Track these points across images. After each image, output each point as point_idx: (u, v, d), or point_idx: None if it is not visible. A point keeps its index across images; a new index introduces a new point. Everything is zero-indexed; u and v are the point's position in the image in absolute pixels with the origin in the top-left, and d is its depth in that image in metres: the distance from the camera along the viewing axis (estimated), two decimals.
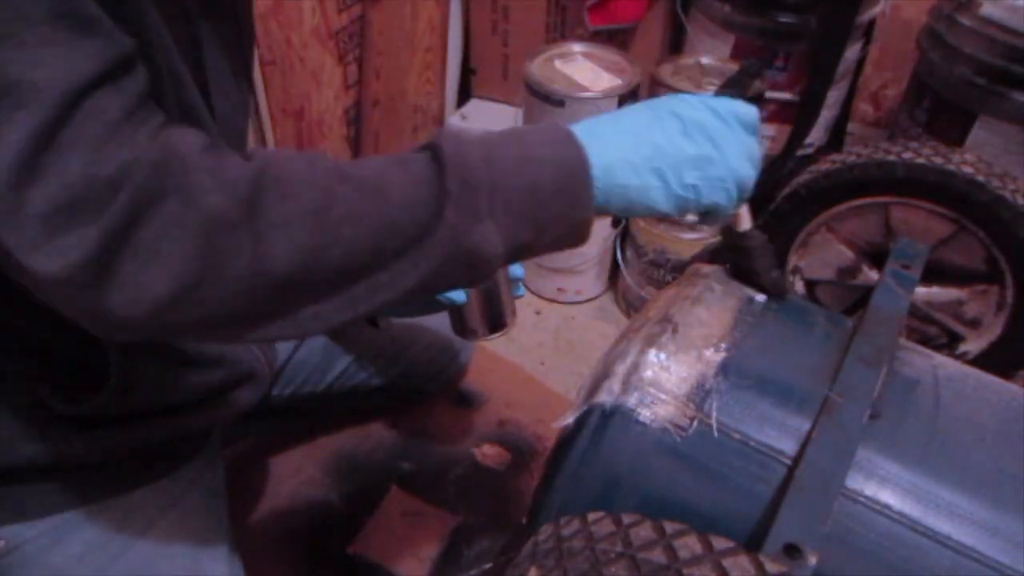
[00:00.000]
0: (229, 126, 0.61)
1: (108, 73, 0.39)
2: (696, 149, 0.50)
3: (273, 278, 0.41)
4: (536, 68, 1.22)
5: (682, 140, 0.50)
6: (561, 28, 1.48)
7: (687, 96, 0.53)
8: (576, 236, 0.50)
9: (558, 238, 0.49)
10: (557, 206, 0.47)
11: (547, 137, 0.48)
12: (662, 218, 1.28)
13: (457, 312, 0.73)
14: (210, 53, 0.57)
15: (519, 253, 0.48)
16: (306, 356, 0.96)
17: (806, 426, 0.54)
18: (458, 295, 0.70)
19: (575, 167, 0.47)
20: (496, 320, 0.73)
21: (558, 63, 1.25)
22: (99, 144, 0.37)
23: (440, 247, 0.44)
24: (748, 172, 0.54)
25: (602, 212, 0.50)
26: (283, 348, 0.92)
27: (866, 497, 0.51)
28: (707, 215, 0.55)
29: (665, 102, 0.52)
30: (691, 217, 0.56)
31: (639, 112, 0.52)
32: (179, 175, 0.39)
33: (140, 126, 0.39)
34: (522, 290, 0.74)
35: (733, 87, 1.08)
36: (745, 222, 0.65)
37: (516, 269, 0.71)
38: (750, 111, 0.54)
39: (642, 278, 1.36)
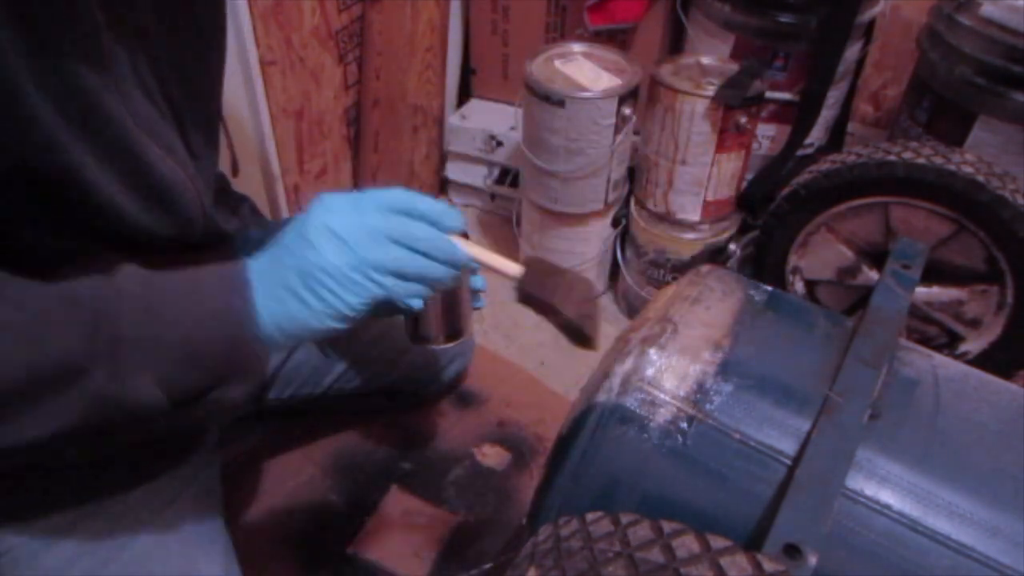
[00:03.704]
0: (193, 127, 0.61)
1: None
2: (320, 259, 0.50)
3: None
4: (536, 68, 1.22)
5: (309, 255, 0.50)
6: (561, 28, 1.48)
7: (328, 199, 0.53)
8: (252, 373, 0.51)
9: (234, 376, 0.51)
10: (219, 352, 0.49)
11: (216, 285, 0.50)
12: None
13: (412, 318, 0.70)
14: (166, 57, 0.56)
15: (191, 396, 0.49)
16: (304, 359, 0.96)
17: (806, 426, 0.54)
18: (414, 301, 0.68)
19: (238, 317, 0.49)
20: (453, 329, 0.71)
21: (558, 63, 1.25)
22: None
23: (87, 397, 0.46)
24: (387, 257, 0.52)
25: (283, 347, 0.52)
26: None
27: (866, 497, 0.51)
28: (390, 309, 0.56)
29: (306, 215, 0.52)
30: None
31: (290, 236, 0.52)
32: None
33: None
34: (483, 302, 0.71)
35: (733, 87, 1.08)
36: (511, 268, 0.64)
37: (477, 280, 0.69)
38: (392, 196, 0.54)
39: (642, 278, 1.36)
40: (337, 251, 0.50)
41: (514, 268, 0.63)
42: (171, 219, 0.57)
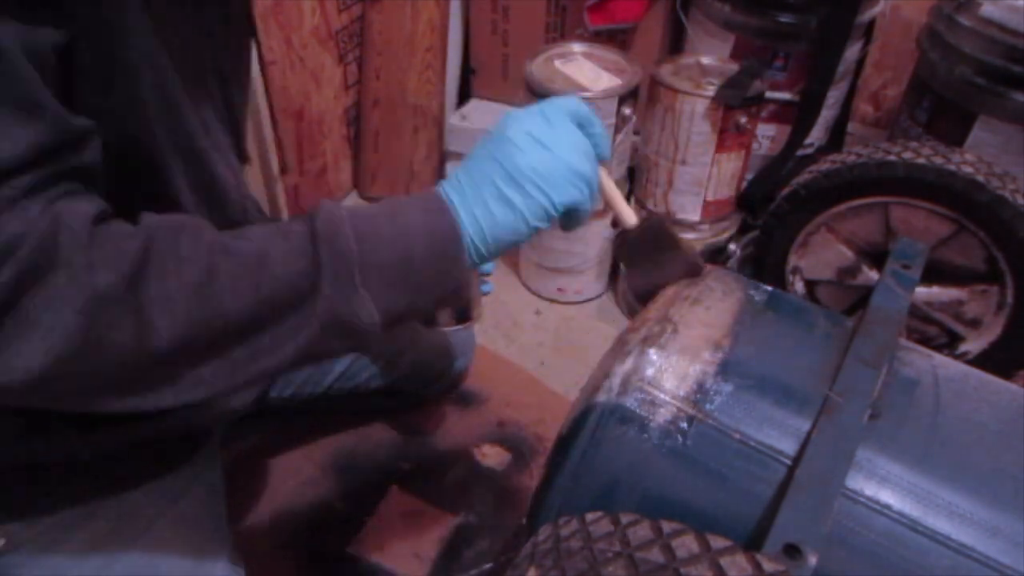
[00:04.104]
0: (243, 131, 0.64)
1: (31, 160, 0.40)
2: (527, 159, 0.52)
3: (154, 351, 0.43)
4: (536, 68, 1.23)
5: (517, 157, 0.52)
6: (561, 28, 1.48)
7: (516, 111, 0.55)
8: (454, 293, 0.52)
9: (436, 297, 0.52)
10: (431, 271, 0.50)
11: (420, 206, 0.51)
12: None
13: None
14: (228, 63, 0.59)
15: (397, 319, 0.51)
16: None
17: (806, 426, 0.54)
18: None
19: (445, 232, 0.50)
20: (462, 312, 0.72)
21: (558, 63, 1.25)
22: None
23: (317, 317, 0.46)
24: (582, 165, 0.54)
25: (477, 263, 0.53)
26: None
27: (866, 497, 0.51)
28: (569, 218, 0.57)
29: (500, 126, 0.54)
30: (556, 227, 0.57)
31: (484, 148, 0.54)
32: (66, 249, 0.40)
33: (37, 199, 0.40)
34: (490, 286, 0.73)
35: (733, 87, 1.08)
36: (630, 217, 0.63)
37: (486, 266, 0.71)
38: (573, 105, 0.56)
39: None
40: (541, 153, 0.52)
41: (631, 219, 0.63)
42: (218, 217, 0.58)
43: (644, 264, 0.66)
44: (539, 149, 0.52)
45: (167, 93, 0.51)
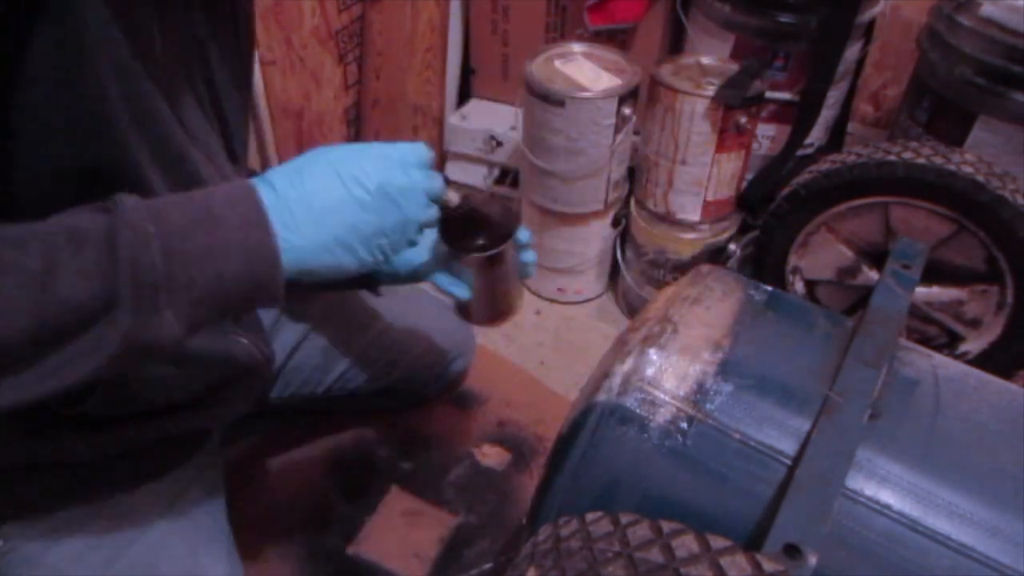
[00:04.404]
0: (236, 133, 0.63)
1: None
2: (381, 218, 0.52)
3: None
4: (536, 68, 1.22)
5: (370, 213, 0.52)
6: (561, 28, 1.48)
7: (368, 151, 0.54)
8: (269, 303, 0.50)
9: (248, 309, 0.52)
10: (244, 292, 0.48)
11: (239, 220, 0.47)
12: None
13: (461, 302, 0.72)
14: (219, 67, 0.58)
15: (205, 327, 0.48)
16: (305, 359, 0.96)
17: (806, 426, 0.54)
18: (461, 290, 0.69)
19: (264, 256, 0.48)
20: (499, 310, 0.71)
21: (558, 63, 1.25)
22: None
23: (112, 342, 0.43)
24: (426, 214, 0.56)
25: (292, 286, 0.51)
26: (281, 350, 0.92)
27: (866, 497, 0.51)
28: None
29: (347, 165, 0.52)
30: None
31: (327, 183, 0.51)
32: None
33: None
34: (533, 272, 0.71)
35: (733, 87, 1.08)
36: (452, 198, 0.61)
37: (528, 255, 0.70)
38: (418, 151, 0.56)
39: (642, 278, 1.36)
40: (396, 214, 0.53)
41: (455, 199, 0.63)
42: None
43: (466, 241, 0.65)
44: (393, 211, 0.53)
45: (141, 102, 0.49)
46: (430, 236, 0.69)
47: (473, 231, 0.66)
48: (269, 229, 0.48)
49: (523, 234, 0.68)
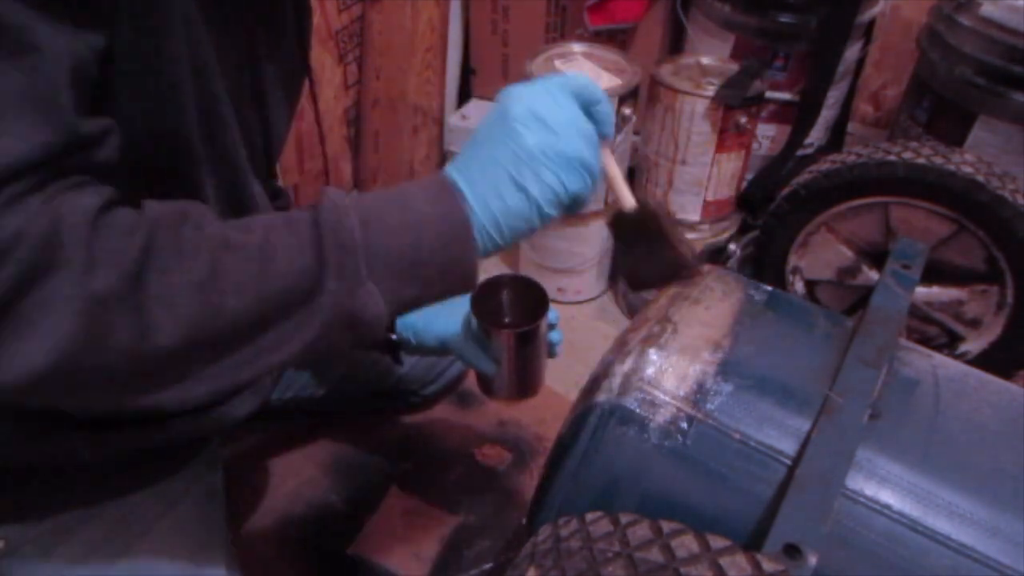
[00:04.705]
0: (277, 147, 0.65)
1: (40, 160, 0.39)
2: (537, 142, 0.50)
3: (157, 351, 0.42)
4: (536, 68, 1.22)
5: (526, 139, 0.50)
6: (561, 28, 1.48)
7: (516, 88, 0.52)
8: (464, 285, 0.51)
9: (446, 289, 0.50)
10: (440, 262, 0.48)
11: (428, 194, 0.49)
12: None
13: (485, 377, 0.72)
14: (267, 69, 0.60)
15: (405, 308, 0.50)
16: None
17: (806, 426, 0.54)
18: (487, 365, 0.70)
19: (456, 221, 0.48)
20: (524, 387, 0.71)
21: (558, 63, 1.25)
22: None
23: (323, 312, 0.45)
24: (587, 149, 0.51)
25: (488, 253, 0.51)
26: None
27: (866, 497, 0.51)
28: (571, 205, 0.54)
29: (502, 105, 0.52)
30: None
31: (491, 128, 0.51)
32: (66, 247, 0.39)
33: (38, 195, 0.40)
34: (558, 352, 0.73)
35: (733, 87, 1.08)
36: (628, 200, 0.58)
37: (555, 335, 0.72)
38: (576, 82, 0.53)
39: None
40: (548, 136, 0.50)
41: (629, 201, 0.59)
42: None
43: (636, 249, 0.62)
44: (546, 132, 0.50)
45: (210, 105, 0.51)
46: (461, 309, 0.68)
47: (507, 308, 0.68)
48: (456, 198, 0.48)
49: (553, 314, 0.69)
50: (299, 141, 1.47)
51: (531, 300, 0.67)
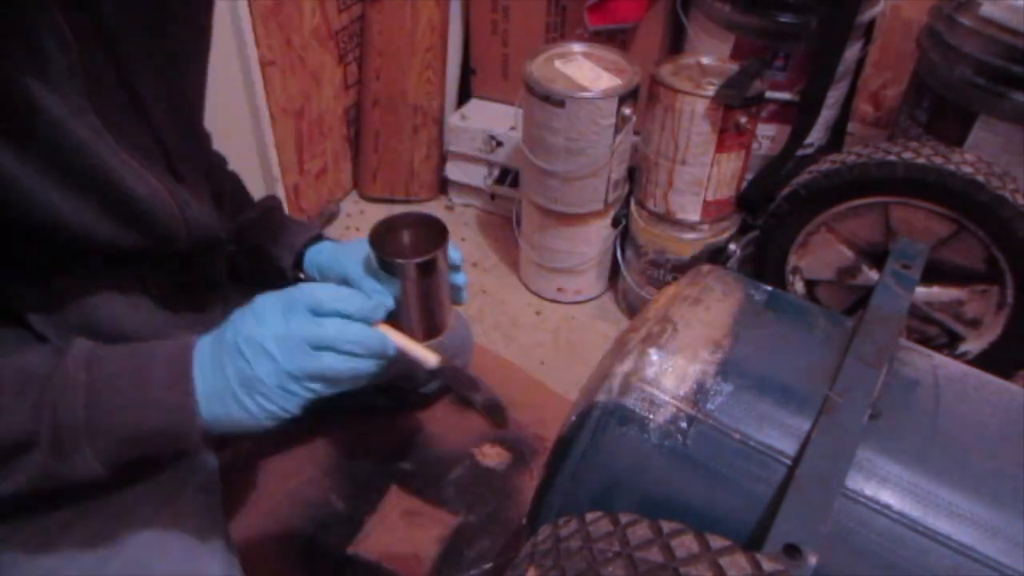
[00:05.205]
0: (177, 154, 0.64)
1: None
2: (258, 371, 0.54)
3: None
4: (536, 68, 1.22)
5: (246, 370, 0.54)
6: (561, 28, 1.48)
7: (255, 308, 0.56)
8: (186, 453, 0.57)
9: (169, 454, 0.56)
10: (160, 442, 0.54)
11: (167, 376, 0.54)
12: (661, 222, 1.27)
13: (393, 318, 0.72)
14: (145, 88, 0.59)
15: (129, 464, 0.55)
16: None
17: (806, 426, 0.54)
18: (387, 300, 0.68)
19: (181, 418, 0.53)
20: (430, 326, 0.71)
21: (558, 63, 1.25)
22: None
23: (29, 470, 0.51)
24: (312, 365, 0.55)
25: (218, 432, 0.56)
26: None
27: (866, 497, 0.51)
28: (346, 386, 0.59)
29: (236, 326, 0.56)
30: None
31: (224, 346, 0.55)
32: None
33: None
34: (464, 296, 0.74)
35: (733, 87, 1.08)
36: (430, 360, 0.63)
37: (458, 277, 0.72)
38: (314, 296, 0.57)
39: (642, 278, 1.36)
40: (269, 365, 0.54)
41: (432, 360, 0.64)
42: (148, 238, 0.60)
43: (463, 388, 0.68)
44: (266, 360, 0.54)
45: (55, 130, 0.51)
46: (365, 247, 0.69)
47: (408, 246, 0.68)
48: (190, 395, 0.53)
49: (455, 253, 0.70)
50: (299, 141, 1.47)
51: (432, 236, 0.67)
